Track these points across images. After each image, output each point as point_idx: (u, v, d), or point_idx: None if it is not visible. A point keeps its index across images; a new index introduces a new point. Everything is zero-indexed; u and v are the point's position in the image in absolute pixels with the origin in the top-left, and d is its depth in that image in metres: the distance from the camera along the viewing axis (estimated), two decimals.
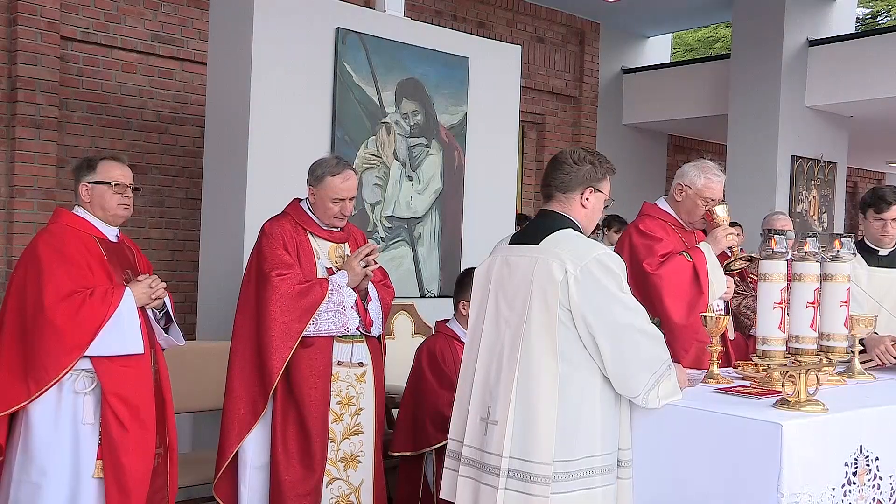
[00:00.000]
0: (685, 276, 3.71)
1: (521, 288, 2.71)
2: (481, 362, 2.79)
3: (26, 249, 3.22)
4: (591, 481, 2.61)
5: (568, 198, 2.81)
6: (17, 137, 6.17)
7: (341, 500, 3.68)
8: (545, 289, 2.65)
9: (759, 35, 9.12)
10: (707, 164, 3.89)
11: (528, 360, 2.65)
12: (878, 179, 15.34)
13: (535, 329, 2.65)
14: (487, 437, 2.70)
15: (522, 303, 2.69)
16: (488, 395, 2.74)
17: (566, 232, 2.74)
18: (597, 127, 10.39)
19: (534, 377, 2.64)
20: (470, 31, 8.14)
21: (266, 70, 4.83)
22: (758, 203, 8.93)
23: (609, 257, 2.66)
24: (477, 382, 2.79)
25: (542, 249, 2.70)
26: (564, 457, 2.59)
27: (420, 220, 5.59)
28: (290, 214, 3.74)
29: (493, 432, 2.68)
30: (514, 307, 2.72)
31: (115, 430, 3.11)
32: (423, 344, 4.14)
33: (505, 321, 2.74)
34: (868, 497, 2.64)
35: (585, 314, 2.60)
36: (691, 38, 17.71)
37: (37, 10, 6.22)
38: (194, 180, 6.82)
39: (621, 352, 2.59)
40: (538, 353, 2.64)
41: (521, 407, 2.64)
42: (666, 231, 3.88)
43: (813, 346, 2.68)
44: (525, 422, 2.63)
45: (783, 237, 2.76)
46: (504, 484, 2.63)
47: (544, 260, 2.67)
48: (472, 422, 2.77)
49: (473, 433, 2.76)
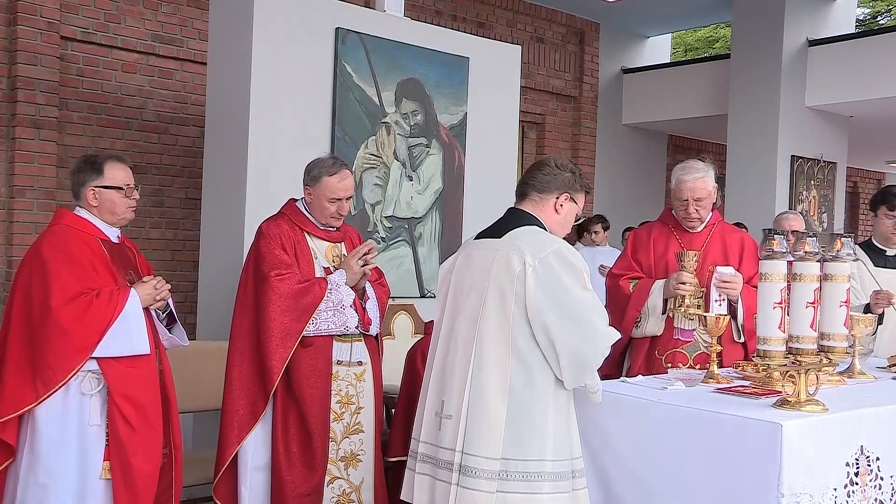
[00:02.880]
0: (618, 301, 3.83)
1: (478, 280, 2.69)
2: (437, 357, 2.76)
3: (30, 251, 3.21)
4: (540, 486, 2.55)
5: (543, 199, 2.79)
6: (17, 137, 6.17)
7: (342, 499, 3.68)
8: (502, 281, 2.62)
9: (759, 35, 9.12)
10: (686, 162, 3.90)
11: (480, 353, 2.62)
12: (878, 179, 15.36)
13: (491, 322, 2.62)
14: (441, 432, 2.67)
15: (478, 295, 2.66)
16: (443, 390, 2.71)
17: (530, 227, 2.72)
18: (597, 127, 10.39)
19: (485, 370, 2.61)
20: (470, 31, 8.13)
21: (266, 70, 4.82)
22: (758, 203, 8.94)
23: (569, 251, 2.63)
24: (433, 377, 2.76)
25: (503, 242, 2.69)
26: (513, 455, 2.56)
27: (420, 220, 5.59)
28: (287, 214, 3.74)
29: (447, 427, 2.66)
30: (469, 299, 2.69)
31: (123, 430, 3.12)
32: (416, 346, 4.14)
33: (461, 314, 2.71)
34: (870, 498, 2.64)
35: (540, 306, 2.56)
36: (691, 38, 17.71)
37: (37, 10, 6.22)
38: (194, 180, 6.82)
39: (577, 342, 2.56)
40: (491, 346, 2.61)
41: (473, 400, 2.61)
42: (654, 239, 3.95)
43: (813, 346, 2.68)
44: (476, 415, 2.60)
45: (783, 237, 2.76)
46: (456, 479, 2.59)
47: (504, 252, 2.66)
48: (427, 417, 2.75)
49: (429, 429, 2.73)
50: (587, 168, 10.32)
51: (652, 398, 2.79)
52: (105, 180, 3.25)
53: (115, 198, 3.27)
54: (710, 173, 3.85)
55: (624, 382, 3.08)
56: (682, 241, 3.89)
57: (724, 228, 3.93)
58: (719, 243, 3.86)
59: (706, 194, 3.80)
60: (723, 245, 3.85)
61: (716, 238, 3.87)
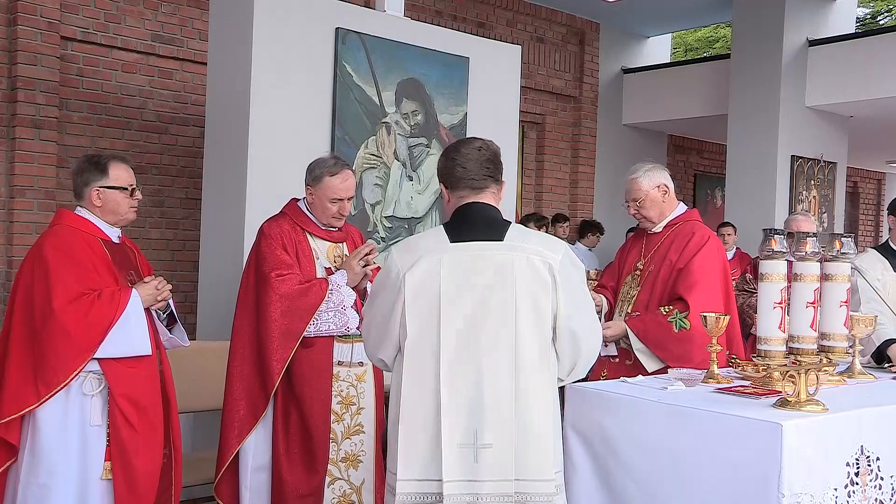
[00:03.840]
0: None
1: (499, 290, 2.45)
2: (451, 380, 2.41)
3: (31, 251, 3.21)
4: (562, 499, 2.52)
5: (498, 190, 2.63)
6: (17, 137, 6.17)
7: (343, 500, 3.67)
8: (534, 289, 2.45)
9: (759, 35, 9.12)
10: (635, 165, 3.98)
11: (521, 369, 2.43)
12: (878, 179, 15.35)
13: (527, 335, 2.44)
14: (479, 465, 2.39)
15: (506, 307, 2.44)
16: (474, 417, 2.40)
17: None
18: (597, 127, 10.40)
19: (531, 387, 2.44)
20: (470, 31, 8.13)
21: (266, 70, 4.82)
22: (758, 203, 8.95)
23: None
24: (450, 405, 2.40)
25: (510, 246, 2.49)
26: (558, 468, 2.50)
27: (420, 220, 5.59)
28: (289, 215, 3.74)
29: (487, 457, 2.39)
30: (491, 312, 2.44)
31: (125, 431, 3.12)
32: None
33: (482, 329, 2.43)
34: (871, 498, 2.64)
35: (571, 312, 2.47)
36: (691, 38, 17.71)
37: (37, 10, 6.22)
38: (194, 180, 6.82)
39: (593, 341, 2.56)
40: (530, 359, 2.44)
41: (521, 421, 2.41)
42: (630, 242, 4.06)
43: (813, 346, 2.68)
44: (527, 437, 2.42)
45: (783, 237, 2.76)
46: None
47: (522, 257, 2.47)
48: (448, 452, 2.38)
49: (455, 464, 2.38)
50: (587, 168, 10.33)
51: (652, 398, 2.79)
52: (109, 180, 3.26)
53: (119, 198, 3.27)
54: (649, 174, 3.85)
55: (624, 382, 3.08)
56: (645, 243, 3.92)
57: (683, 229, 3.83)
58: (667, 244, 3.81)
59: (642, 195, 3.83)
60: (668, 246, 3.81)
61: (667, 239, 3.83)
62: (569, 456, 2.93)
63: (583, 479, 2.89)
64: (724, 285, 3.78)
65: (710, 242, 3.77)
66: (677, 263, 3.73)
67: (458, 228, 2.53)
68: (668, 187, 3.89)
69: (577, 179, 10.24)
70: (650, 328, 3.68)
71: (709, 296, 3.64)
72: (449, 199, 2.64)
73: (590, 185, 10.38)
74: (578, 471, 2.90)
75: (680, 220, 3.87)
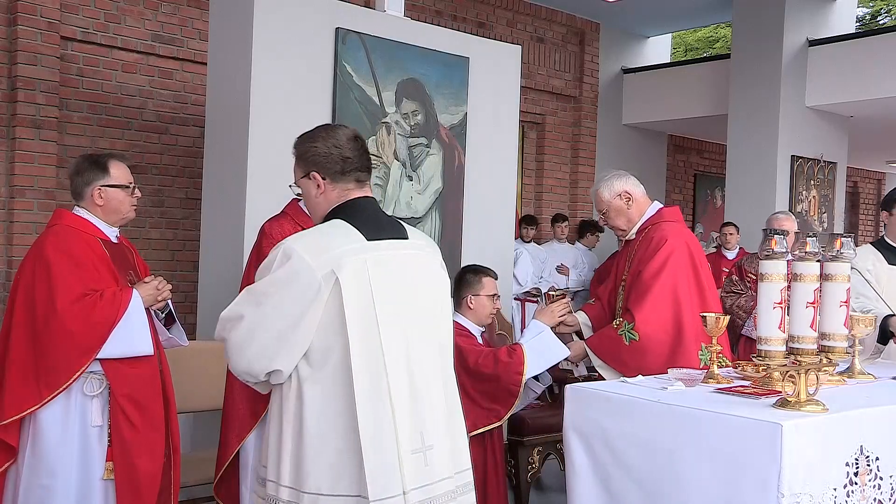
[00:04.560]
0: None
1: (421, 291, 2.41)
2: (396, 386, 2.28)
3: (31, 251, 3.21)
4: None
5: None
6: (17, 137, 6.17)
7: None
8: (443, 289, 2.49)
9: (759, 35, 9.12)
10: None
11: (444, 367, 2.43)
12: (878, 179, 15.36)
13: (444, 335, 2.46)
14: (430, 468, 2.31)
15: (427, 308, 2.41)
16: (418, 420, 2.31)
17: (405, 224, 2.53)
18: (597, 127, 10.40)
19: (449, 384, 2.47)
20: (470, 31, 8.14)
21: (266, 70, 4.82)
22: (758, 203, 8.94)
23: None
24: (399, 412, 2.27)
25: (414, 244, 2.46)
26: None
27: (420, 220, 5.58)
28: (290, 214, 3.75)
29: (433, 458, 2.32)
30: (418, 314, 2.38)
31: (127, 431, 3.12)
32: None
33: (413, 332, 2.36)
34: (869, 497, 2.64)
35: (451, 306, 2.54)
36: (691, 38, 17.72)
37: (37, 10, 6.22)
38: (194, 180, 6.82)
39: None
40: (448, 358, 2.47)
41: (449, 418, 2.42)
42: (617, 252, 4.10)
43: (813, 346, 2.68)
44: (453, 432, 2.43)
45: (783, 237, 2.76)
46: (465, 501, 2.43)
47: (429, 257, 2.47)
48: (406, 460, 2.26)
49: (412, 471, 2.27)
50: (587, 168, 10.33)
51: (652, 398, 2.79)
52: (111, 179, 3.26)
53: (121, 196, 3.27)
54: (609, 183, 3.83)
55: (624, 382, 3.08)
56: (627, 251, 3.91)
57: (650, 233, 3.78)
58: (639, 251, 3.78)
59: (604, 206, 3.85)
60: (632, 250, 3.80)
61: (640, 246, 3.80)
62: (568, 456, 2.93)
63: (582, 480, 2.88)
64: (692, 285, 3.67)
65: (667, 245, 3.67)
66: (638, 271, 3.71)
67: (367, 226, 2.37)
68: (632, 193, 3.83)
69: (577, 179, 10.25)
70: (604, 343, 3.70)
71: (655, 304, 3.59)
72: (324, 191, 2.42)
73: (590, 185, 10.36)
74: (578, 471, 2.90)
75: (649, 224, 3.82)
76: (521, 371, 3.76)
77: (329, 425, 2.26)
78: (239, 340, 2.29)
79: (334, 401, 2.25)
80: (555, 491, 5.35)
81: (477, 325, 4.07)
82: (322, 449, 2.25)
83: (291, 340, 2.25)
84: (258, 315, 2.27)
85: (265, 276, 2.31)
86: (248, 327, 2.28)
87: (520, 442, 4.84)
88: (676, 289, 3.63)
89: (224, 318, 2.33)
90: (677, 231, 3.77)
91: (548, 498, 5.24)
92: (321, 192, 2.43)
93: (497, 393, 3.81)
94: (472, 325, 4.05)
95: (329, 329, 2.25)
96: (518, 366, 3.76)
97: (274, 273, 2.28)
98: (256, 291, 2.31)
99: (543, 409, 4.94)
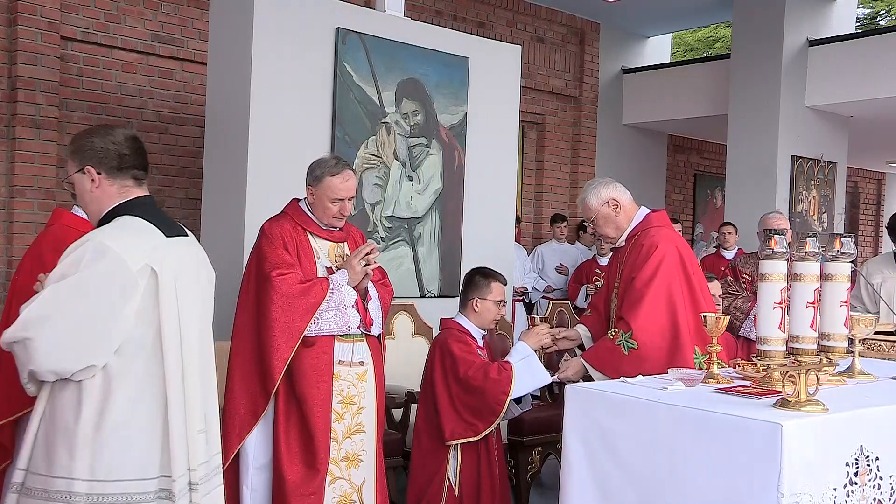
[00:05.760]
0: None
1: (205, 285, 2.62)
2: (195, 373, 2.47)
3: (30, 251, 3.21)
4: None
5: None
6: (17, 137, 6.18)
7: (344, 499, 3.67)
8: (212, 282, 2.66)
9: (759, 35, 9.12)
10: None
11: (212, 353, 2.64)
12: (878, 179, 15.36)
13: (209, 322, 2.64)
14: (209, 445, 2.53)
15: (208, 298, 2.63)
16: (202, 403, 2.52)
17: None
18: (597, 127, 10.41)
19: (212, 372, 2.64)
20: (470, 31, 8.14)
21: (266, 70, 4.83)
22: (758, 203, 8.94)
23: None
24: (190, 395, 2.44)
25: (194, 241, 2.67)
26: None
27: (420, 220, 5.59)
28: (290, 214, 3.75)
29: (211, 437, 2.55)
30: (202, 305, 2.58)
31: None
32: (438, 345, 4.04)
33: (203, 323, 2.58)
34: (869, 497, 2.64)
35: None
36: (691, 38, 17.73)
37: (37, 10, 6.22)
38: (194, 180, 6.82)
39: None
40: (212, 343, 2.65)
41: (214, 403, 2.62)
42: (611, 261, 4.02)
43: (813, 346, 2.68)
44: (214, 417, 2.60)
45: (783, 237, 2.76)
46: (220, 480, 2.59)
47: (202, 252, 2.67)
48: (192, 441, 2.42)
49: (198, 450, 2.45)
50: (587, 168, 10.33)
51: (652, 398, 2.79)
52: None
53: None
54: (595, 192, 3.82)
55: (624, 382, 3.08)
56: (615, 258, 3.91)
57: (639, 239, 3.76)
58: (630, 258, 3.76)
59: (592, 214, 3.84)
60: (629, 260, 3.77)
61: (630, 253, 3.78)
62: (566, 455, 2.93)
63: (576, 479, 2.88)
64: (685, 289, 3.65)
65: (658, 251, 3.65)
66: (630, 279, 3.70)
67: (163, 224, 2.51)
68: (619, 200, 3.81)
69: (577, 179, 10.25)
70: (602, 356, 3.65)
71: (651, 311, 3.57)
72: (99, 185, 2.49)
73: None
74: (574, 470, 2.89)
75: (638, 230, 3.80)
76: (506, 391, 3.77)
77: (141, 413, 2.34)
78: (51, 339, 2.26)
79: (146, 390, 2.35)
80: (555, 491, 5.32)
81: (479, 328, 4.05)
82: (131, 437, 2.32)
83: (110, 335, 2.29)
84: (74, 313, 2.28)
85: (72, 272, 2.30)
86: (62, 326, 2.27)
87: (520, 442, 4.85)
88: (670, 294, 3.62)
89: (29, 318, 2.27)
90: (667, 236, 3.75)
91: (548, 498, 5.23)
92: (96, 186, 2.50)
93: (481, 408, 3.82)
94: (475, 327, 4.04)
95: (142, 321, 2.34)
96: (505, 385, 3.78)
97: (87, 269, 2.29)
98: (69, 289, 2.29)
99: (543, 409, 4.93)
